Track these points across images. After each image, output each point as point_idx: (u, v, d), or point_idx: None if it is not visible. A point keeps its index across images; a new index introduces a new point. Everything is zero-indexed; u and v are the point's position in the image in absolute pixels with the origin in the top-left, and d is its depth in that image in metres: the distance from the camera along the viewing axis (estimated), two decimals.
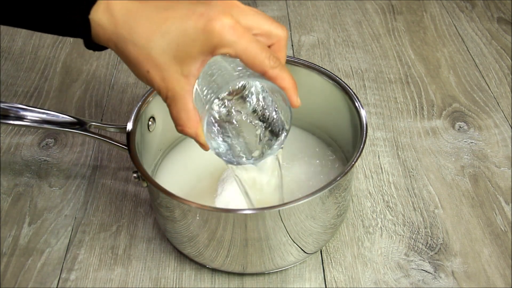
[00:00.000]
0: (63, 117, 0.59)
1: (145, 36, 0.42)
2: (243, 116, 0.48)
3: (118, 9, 0.43)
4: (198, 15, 0.42)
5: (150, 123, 0.59)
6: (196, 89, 0.45)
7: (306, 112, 0.64)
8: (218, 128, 0.48)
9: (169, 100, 0.44)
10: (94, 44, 0.46)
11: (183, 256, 0.58)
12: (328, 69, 0.60)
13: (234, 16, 0.42)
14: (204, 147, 0.47)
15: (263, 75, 0.44)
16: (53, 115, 0.59)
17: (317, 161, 0.63)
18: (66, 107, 0.76)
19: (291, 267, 0.57)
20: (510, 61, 0.83)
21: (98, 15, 0.43)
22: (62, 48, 0.86)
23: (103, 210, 0.63)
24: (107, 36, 0.44)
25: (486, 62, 0.83)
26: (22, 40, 0.88)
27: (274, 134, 0.49)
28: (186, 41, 0.42)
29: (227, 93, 0.46)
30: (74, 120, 0.59)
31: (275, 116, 0.48)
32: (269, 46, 0.45)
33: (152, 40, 0.42)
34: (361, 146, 0.52)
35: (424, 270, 0.56)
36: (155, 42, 0.42)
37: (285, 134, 0.48)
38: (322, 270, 0.57)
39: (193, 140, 0.47)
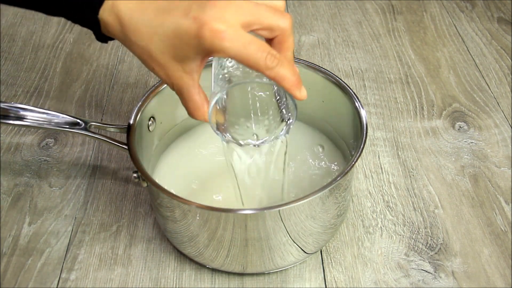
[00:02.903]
0: (63, 117, 0.59)
1: (146, 38, 0.44)
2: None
3: (122, 10, 0.45)
4: (192, 19, 0.42)
5: (150, 123, 0.59)
6: (215, 66, 0.48)
7: (307, 110, 0.64)
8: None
9: (176, 92, 0.47)
10: (105, 37, 0.48)
11: (183, 256, 0.58)
12: (328, 69, 0.60)
13: (230, 16, 0.42)
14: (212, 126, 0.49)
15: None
16: (53, 115, 0.59)
17: (318, 159, 0.63)
18: (66, 107, 0.76)
19: (291, 267, 0.57)
20: (510, 61, 0.83)
21: (105, 15, 0.45)
22: (62, 48, 0.86)
23: (103, 210, 0.63)
24: (115, 34, 0.46)
25: (486, 62, 0.83)
26: (22, 40, 0.88)
27: (281, 120, 0.50)
28: (181, 45, 0.43)
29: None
30: (74, 120, 0.59)
31: (284, 102, 0.50)
32: (273, 39, 0.45)
33: (152, 42, 0.44)
34: (361, 146, 0.52)
35: (424, 270, 0.56)
36: (154, 44, 0.44)
37: (292, 121, 0.49)
38: (322, 270, 0.57)
39: (193, 140, 0.47)
